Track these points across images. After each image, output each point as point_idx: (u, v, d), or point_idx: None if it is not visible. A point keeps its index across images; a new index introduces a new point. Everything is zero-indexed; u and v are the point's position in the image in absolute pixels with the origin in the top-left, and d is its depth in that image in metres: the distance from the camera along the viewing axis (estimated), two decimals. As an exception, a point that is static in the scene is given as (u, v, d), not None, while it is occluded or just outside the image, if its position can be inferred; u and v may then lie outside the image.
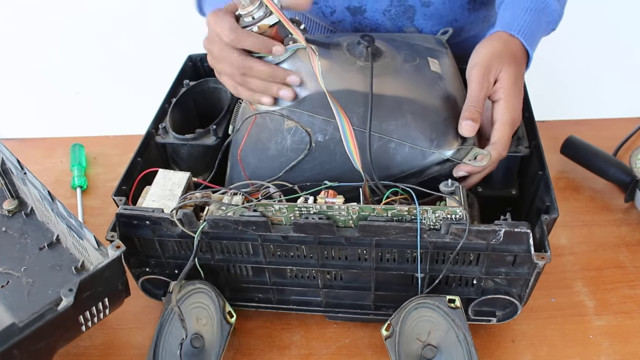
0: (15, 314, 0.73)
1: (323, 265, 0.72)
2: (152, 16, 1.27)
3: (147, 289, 0.79)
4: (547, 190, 0.71)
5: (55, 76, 1.18)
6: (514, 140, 0.79)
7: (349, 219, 0.66)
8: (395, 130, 0.71)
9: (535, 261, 0.64)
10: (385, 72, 0.74)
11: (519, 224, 0.64)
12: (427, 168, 0.72)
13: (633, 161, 0.88)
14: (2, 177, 0.87)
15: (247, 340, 0.77)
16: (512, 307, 0.72)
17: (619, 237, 0.86)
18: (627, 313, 0.77)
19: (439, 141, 0.71)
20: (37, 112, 1.14)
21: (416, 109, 0.72)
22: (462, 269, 0.70)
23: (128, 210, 0.70)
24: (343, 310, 0.77)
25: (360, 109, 0.71)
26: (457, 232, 0.64)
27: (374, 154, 0.70)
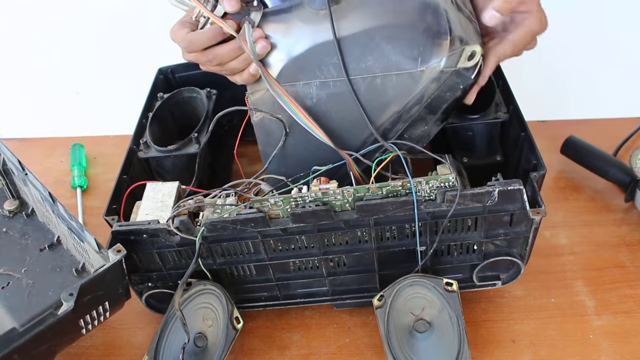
0: (15, 316, 0.73)
1: (325, 252, 0.72)
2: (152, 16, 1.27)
3: (152, 305, 0.78)
4: (531, 150, 0.73)
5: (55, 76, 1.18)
6: (493, 107, 0.81)
7: (345, 202, 0.66)
8: (375, 64, 0.69)
9: (532, 217, 0.65)
10: (348, 10, 0.70)
11: (512, 182, 0.65)
12: (424, 90, 0.69)
13: (633, 161, 0.87)
14: (3, 178, 0.87)
15: (247, 340, 0.77)
16: (515, 268, 0.74)
17: (619, 237, 0.86)
18: (627, 313, 0.77)
19: (424, 56, 0.68)
20: (37, 112, 1.14)
21: (389, 33, 0.69)
22: (462, 236, 0.70)
23: (124, 227, 0.69)
24: (350, 296, 0.77)
25: (334, 58, 0.70)
26: (453, 199, 0.65)
27: (365, 99, 0.69)
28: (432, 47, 0.67)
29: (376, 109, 0.70)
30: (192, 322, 0.72)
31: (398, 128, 0.71)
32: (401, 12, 0.69)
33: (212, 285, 0.73)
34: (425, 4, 0.67)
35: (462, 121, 0.82)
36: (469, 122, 0.82)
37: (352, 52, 0.69)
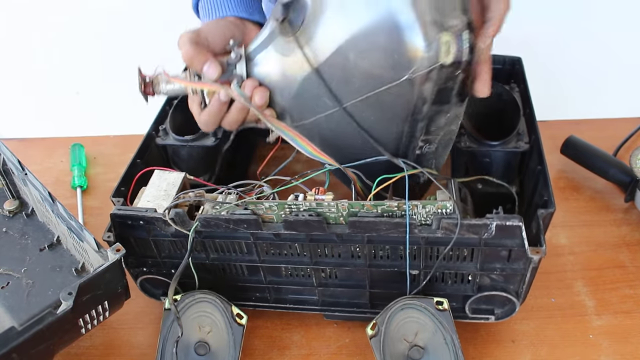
0: (15, 315, 0.73)
1: (316, 263, 0.71)
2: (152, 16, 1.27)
3: (146, 289, 0.79)
4: (545, 185, 0.70)
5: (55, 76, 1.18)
6: (514, 135, 0.78)
7: (339, 216, 0.65)
8: (362, 84, 0.61)
9: (530, 256, 0.63)
10: (313, 29, 0.62)
11: (511, 217, 0.62)
12: (421, 94, 0.60)
13: (633, 161, 0.87)
14: (3, 178, 0.87)
15: (247, 341, 0.77)
16: (510, 305, 0.71)
17: (619, 237, 0.86)
18: (627, 313, 0.77)
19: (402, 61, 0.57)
20: (37, 112, 1.14)
21: (360, 46, 0.59)
22: (456, 265, 0.69)
23: (122, 211, 0.70)
24: (340, 309, 0.77)
25: (322, 89, 0.64)
26: (448, 227, 0.63)
27: (370, 119, 0.64)
28: (405, 48, 0.57)
29: (385, 126, 0.65)
30: (188, 334, 0.72)
31: (420, 127, 0.64)
32: (366, 10, 0.58)
33: (201, 294, 0.73)
34: None
35: (480, 146, 0.79)
36: (487, 148, 0.79)
37: (335, 77, 0.63)
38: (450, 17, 0.56)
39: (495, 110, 0.82)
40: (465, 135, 0.79)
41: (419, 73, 0.57)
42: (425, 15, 0.55)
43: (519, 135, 0.78)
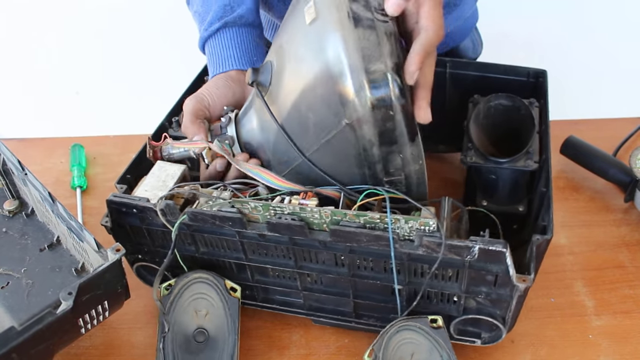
0: (14, 315, 0.73)
1: (301, 267, 0.71)
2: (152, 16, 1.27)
3: (142, 275, 0.80)
4: (547, 210, 0.67)
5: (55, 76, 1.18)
6: (523, 153, 0.76)
7: (323, 222, 0.65)
8: (316, 133, 0.65)
9: (516, 283, 0.61)
10: (277, 90, 0.68)
11: (495, 242, 0.61)
12: (365, 136, 0.61)
13: (633, 161, 0.87)
14: (3, 178, 0.87)
15: (246, 341, 0.77)
16: (497, 331, 0.69)
17: (619, 237, 0.86)
18: (627, 313, 0.77)
19: (339, 109, 0.61)
20: (37, 112, 1.14)
21: (307, 100, 0.64)
22: (441, 284, 0.67)
23: (117, 198, 0.71)
24: (325, 315, 0.76)
25: (288, 143, 0.68)
26: (430, 245, 0.62)
27: (331, 161, 0.66)
28: (339, 95, 0.60)
29: (347, 171, 0.66)
30: (185, 321, 0.72)
31: (379, 169, 0.65)
32: (309, 66, 0.63)
33: (194, 274, 0.73)
34: (324, 40, 0.61)
35: (486, 162, 0.77)
36: (493, 164, 0.77)
37: (295, 130, 0.67)
38: (374, 62, 0.59)
39: (513, 124, 0.80)
40: (472, 150, 0.78)
41: (355, 117, 0.60)
42: (354, 64, 0.59)
43: (529, 154, 0.76)
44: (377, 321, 0.74)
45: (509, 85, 0.84)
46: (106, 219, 0.72)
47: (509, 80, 0.86)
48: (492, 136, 0.82)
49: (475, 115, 0.81)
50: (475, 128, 0.80)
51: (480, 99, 0.82)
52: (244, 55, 0.83)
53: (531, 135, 0.77)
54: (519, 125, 0.80)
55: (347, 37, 0.59)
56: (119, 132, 1.07)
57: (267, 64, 0.71)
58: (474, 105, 0.82)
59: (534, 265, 0.63)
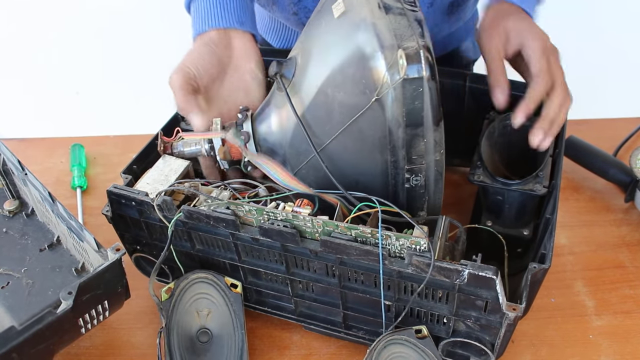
0: (15, 315, 0.73)
1: (292, 273, 0.71)
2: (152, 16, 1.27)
3: (141, 266, 0.80)
4: (549, 238, 0.65)
5: (55, 76, 1.18)
6: (532, 177, 0.73)
7: (315, 232, 0.65)
8: (341, 116, 0.65)
9: (505, 311, 0.60)
10: (301, 79, 0.69)
11: (485, 268, 0.59)
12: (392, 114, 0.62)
13: (633, 161, 0.87)
14: (3, 178, 0.87)
15: (247, 340, 0.77)
16: (486, 357, 0.68)
17: (619, 237, 0.86)
18: (627, 313, 0.77)
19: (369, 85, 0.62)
20: (37, 112, 1.14)
21: (336, 80, 0.65)
22: (430, 304, 0.66)
23: (117, 189, 0.71)
24: (316, 322, 0.76)
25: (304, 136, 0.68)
26: (419, 265, 0.61)
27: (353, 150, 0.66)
28: (371, 72, 0.62)
29: (369, 157, 0.66)
30: (188, 323, 0.73)
31: (402, 155, 0.65)
32: (339, 51, 0.65)
33: (193, 274, 0.73)
34: (355, 26, 0.64)
35: (493, 182, 0.75)
36: (500, 186, 0.74)
37: (319, 116, 0.67)
38: (407, 41, 0.61)
39: (528, 145, 0.76)
40: (481, 168, 0.76)
41: (385, 92, 0.61)
42: (387, 41, 0.62)
43: (538, 177, 0.73)
44: (366, 334, 0.73)
45: None
46: (107, 208, 0.73)
47: None
48: (506, 155, 0.80)
49: (490, 133, 0.79)
50: (488, 146, 0.79)
51: (496, 116, 0.80)
52: (231, 13, 0.79)
53: (544, 158, 0.75)
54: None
55: (378, 21, 0.62)
56: (119, 132, 1.07)
57: (291, 59, 0.71)
58: (490, 122, 0.81)
59: (527, 294, 0.61)
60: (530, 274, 0.62)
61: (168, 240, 0.69)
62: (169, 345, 0.71)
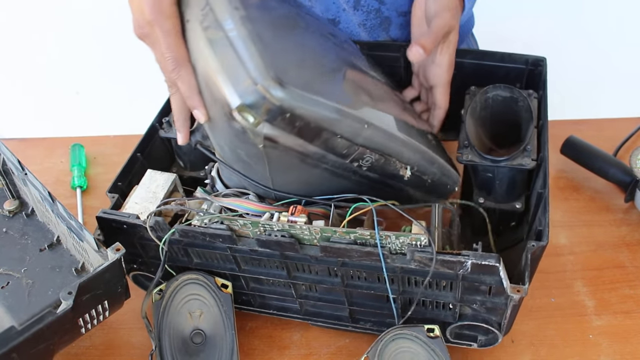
0: (15, 315, 0.73)
1: (294, 277, 0.71)
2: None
3: (140, 282, 0.80)
4: (543, 213, 0.66)
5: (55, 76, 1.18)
6: (520, 151, 0.73)
7: (313, 238, 0.65)
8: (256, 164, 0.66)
9: (510, 294, 0.61)
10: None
11: (487, 257, 0.60)
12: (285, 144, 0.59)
13: (633, 161, 0.87)
14: (3, 178, 0.87)
15: (247, 340, 0.77)
16: (493, 335, 0.69)
17: (619, 237, 0.86)
18: (627, 313, 0.77)
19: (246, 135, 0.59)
20: (37, 112, 1.14)
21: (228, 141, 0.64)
22: (435, 293, 0.67)
23: (107, 215, 0.70)
24: (322, 319, 0.76)
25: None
26: (422, 260, 0.62)
27: (296, 184, 0.67)
28: (238, 127, 0.58)
29: (311, 176, 0.66)
30: (181, 324, 0.73)
31: (332, 158, 0.63)
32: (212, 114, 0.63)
33: (184, 276, 0.73)
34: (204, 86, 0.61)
35: (482, 160, 0.74)
36: (489, 163, 0.74)
37: (243, 167, 0.68)
38: (241, 82, 0.55)
39: (512, 116, 0.78)
40: (468, 147, 0.75)
41: (262, 138, 0.57)
42: (229, 98, 0.56)
43: (526, 151, 0.73)
44: (374, 325, 0.74)
45: (508, 74, 0.84)
46: (98, 231, 0.71)
47: (508, 68, 0.84)
48: (490, 129, 0.81)
49: (472, 108, 0.79)
50: (472, 122, 0.78)
51: (477, 90, 0.80)
52: None
53: (528, 128, 0.75)
54: (518, 117, 0.78)
55: (211, 68, 0.57)
56: (119, 132, 1.07)
57: (200, 125, 0.70)
58: (471, 97, 0.80)
59: (529, 273, 0.62)
60: (529, 252, 0.62)
61: (162, 260, 0.69)
62: (160, 348, 0.71)
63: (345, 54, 0.71)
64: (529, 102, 0.77)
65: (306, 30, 0.65)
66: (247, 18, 0.57)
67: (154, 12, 0.60)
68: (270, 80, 0.54)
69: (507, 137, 0.78)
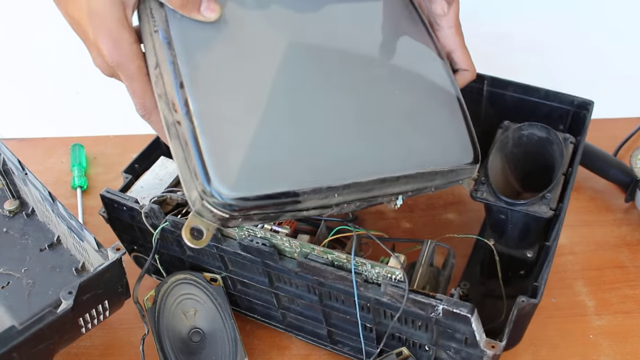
0: (15, 315, 0.73)
1: (276, 287, 0.70)
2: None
3: (140, 263, 0.80)
4: (545, 267, 0.62)
5: (55, 76, 1.18)
6: (539, 197, 0.68)
7: (294, 252, 0.64)
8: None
9: (483, 348, 0.57)
10: None
11: (460, 305, 0.56)
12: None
13: (633, 161, 0.87)
14: (3, 178, 0.87)
15: (247, 340, 0.77)
16: None
17: (619, 237, 0.86)
18: (627, 313, 0.77)
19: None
20: (37, 112, 1.13)
21: None
22: (410, 331, 0.64)
23: (109, 194, 0.71)
24: (303, 334, 0.75)
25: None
26: (394, 295, 0.59)
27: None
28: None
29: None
30: (177, 326, 0.73)
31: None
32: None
33: (172, 277, 0.73)
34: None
35: (497, 201, 0.69)
36: (503, 205, 0.69)
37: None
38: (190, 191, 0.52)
39: (546, 158, 0.73)
40: (485, 184, 0.70)
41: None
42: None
43: (545, 198, 0.68)
44: (351, 350, 0.72)
45: (551, 113, 0.79)
46: (103, 209, 0.73)
47: (551, 107, 0.79)
48: (521, 168, 0.76)
49: (503, 144, 0.74)
50: (500, 157, 0.74)
51: (511, 125, 0.75)
52: None
53: (555, 177, 0.69)
54: (552, 160, 0.73)
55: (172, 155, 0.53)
56: (119, 132, 1.07)
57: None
58: (504, 132, 0.75)
59: (509, 331, 0.58)
60: (517, 308, 0.58)
61: (153, 249, 0.69)
62: (163, 352, 0.71)
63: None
64: (563, 146, 0.71)
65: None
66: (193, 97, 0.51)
67: (113, 55, 0.53)
68: (216, 195, 0.49)
69: (538, 179, 0.73)
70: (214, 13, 0.54)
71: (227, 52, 0.54)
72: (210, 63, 0.53)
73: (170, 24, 0.53)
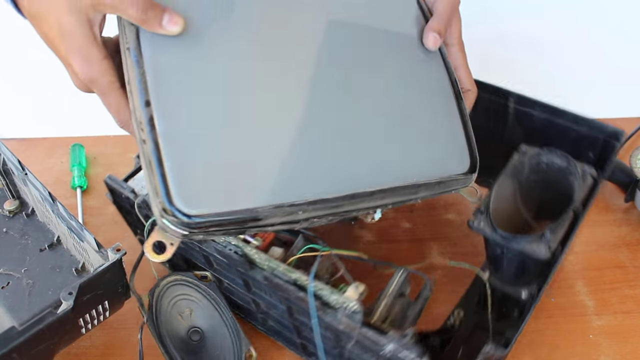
0: (15, 315, 0.73)
1: (253, 293, 0.70)
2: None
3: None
4: (523, 317, 0.59)
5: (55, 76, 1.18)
6: (538, 235, 0.62)
7: (263, 264, 0.63)
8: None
9: None
10: None
11: (408, 347, 0.54)
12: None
13: (633, 161, 0.87)
14: (3, 178, 0.87)
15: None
16: None
17: (619, 237, 0.86)
18: (627, 313, 0.77)
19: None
20: (37, 112, 1.14)
21: None
22: (370, 359, 0.61)
23: (110, 181, 0.72)
24: (282, 340, 0.75)
25: None
26: (347, 324, 0.57)
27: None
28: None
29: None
30: (175, 328, 0.73)
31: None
32: None
33: (162, 281, 0.73)
34: None
35: (492, 233, 0.64)
36: (499, 238, 0.64)
37: None
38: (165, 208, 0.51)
39: (565, 188, 0.68)
40: (484, 214, 0.65)
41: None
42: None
43: (544, 237, 0.61)
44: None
45: (579, 140, 0.74)
46: (109, 193, 0.74)
47: (579, 133, 0.74)
48: (539, 196, 0.71)
49: (517, 169, 0.69)
50: (512, 184, 0.69)
51: (529, 150, 0.70)
52: None
53: (565, 212, 0.64)
54: (571, 192, 0.66)
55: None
56: (119, 132, 1.06)
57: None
58: (520, 157, 0.70)
59: None
60: (482, 357, 0.55)
61: (145, 239, 0.68)
62: (169, 355, 0.71)
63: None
64: (581, 180, 0.66)
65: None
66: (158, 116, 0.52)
67: (84, 72, 0.55)
68: (175, 213, 0.50)
69: (554, 210, 0.66)
70: (177, 26, 0.54)
71: (194, 69, 0.55)
72: (177, 81, 0.53)
73: (141, 41, 0.54)
